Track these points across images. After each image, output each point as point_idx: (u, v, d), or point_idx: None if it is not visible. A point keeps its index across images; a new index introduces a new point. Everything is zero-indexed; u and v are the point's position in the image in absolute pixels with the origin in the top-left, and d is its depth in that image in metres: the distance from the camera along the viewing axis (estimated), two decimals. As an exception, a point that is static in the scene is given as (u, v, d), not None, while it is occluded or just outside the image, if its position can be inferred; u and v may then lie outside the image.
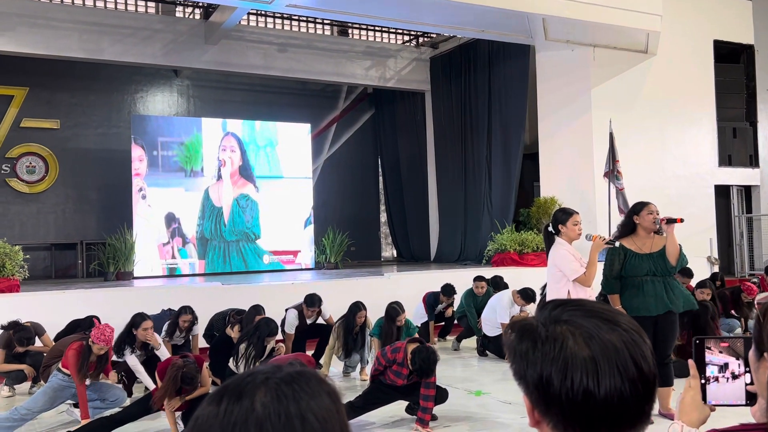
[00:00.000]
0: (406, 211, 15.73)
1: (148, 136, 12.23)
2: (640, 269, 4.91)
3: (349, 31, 14.67)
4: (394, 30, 14.54)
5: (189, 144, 12.48)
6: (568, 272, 4.75)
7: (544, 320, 1.02)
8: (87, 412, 5.14)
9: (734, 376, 1.35)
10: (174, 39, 12.13)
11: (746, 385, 1.35)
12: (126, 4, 12.40)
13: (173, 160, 12.33)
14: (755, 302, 7.75)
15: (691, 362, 1.37)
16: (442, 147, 14.20)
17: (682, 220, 4.97)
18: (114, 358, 5.79)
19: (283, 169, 13.27)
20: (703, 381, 1.36)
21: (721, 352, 1.36)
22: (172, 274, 12.08)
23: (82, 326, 6.47)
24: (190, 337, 6.97)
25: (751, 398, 1.36)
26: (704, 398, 1.36)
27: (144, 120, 12.66)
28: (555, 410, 0.98)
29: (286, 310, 7.32)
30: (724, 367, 1.36)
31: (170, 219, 12.23)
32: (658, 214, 5.00)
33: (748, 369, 1.35)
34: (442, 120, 14.25)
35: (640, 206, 5.09)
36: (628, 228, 5.07)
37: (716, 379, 1.36)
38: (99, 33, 11.48)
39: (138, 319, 5.94)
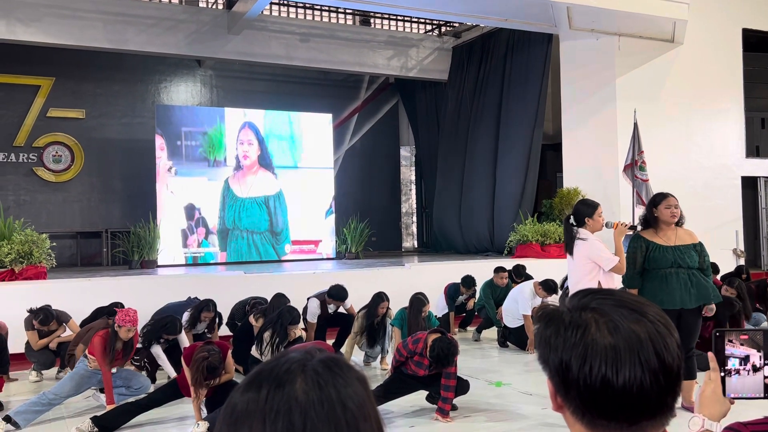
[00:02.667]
0: (428, 201, 15.71)
1: (173, 126, 12.36)
2: (664, 261, 4.84)
3: (372, 20, 14.63)
4: (416, 19, 14.48)
5: (212, 134, 12.59)
6: (605, 262, 4.71)
7: (572, 307, 1.04)
8: (112, 398, 5.23)
9: (755, 369, 1.34)
10: (197, 29, 12.20)
11: (765, 378, 1.34)
12: (150, -6, 12.49)
13: (198, 150, 12.46)
14: None
15: (711, 355, 1.36)
16: (458, 136, 14.11)
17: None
18: (139, 345, 5.89)
19: (304, 159, 13.33)
20: (722, 374, 1.35)
21: (742, 344, 1.35)
22: (195, 262, 12.21)
23: (107, 313, 6.57)
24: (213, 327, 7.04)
25: None
26: (723, 391, 1.36)
27: (168, 110, 12.78)
28: (574, 395, 0.99)
29: (308, 299, 7.37)
30: (745, 360, 1.35)
31: (191, 209, 12.36)
32: (676, 208, 4.92)
33: (766, 362, 1.34)
34: (454, 109, 14.17)
35: (660, 198, 5.02)
36: (650, 220, 5.01)
37: (737, 371, 1.35)
38: (123, 23, 11.58)
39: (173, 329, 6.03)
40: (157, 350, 5.93)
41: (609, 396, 0.96)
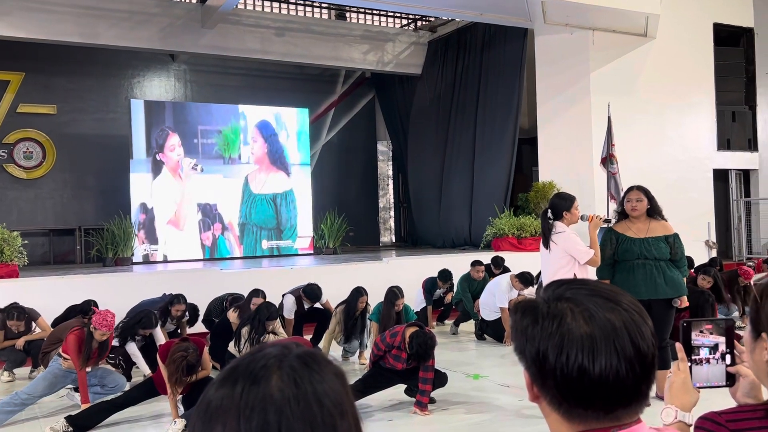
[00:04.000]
0: (405, 195, 15.74)
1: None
2: (630, 253, 4.96)
3: (347, 14, 14.58)
4: (392, 14, 14.45)
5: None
6: (580, 255, 4.77)
7: (547, 297, 1.04)
8: (87, 397, 5.16)
9: (723, 357, 1.37)
10: (170, 23, 12.05)
11: (726, 366, 1.36)
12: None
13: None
14: (751, 283, 7.76)
15: (678, 345, 1.38)
16: (432, 130, 14.15)
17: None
18: (114, 343, 5.81)
19: (281, 155, 13.29)
20: (689, 364, 1.37)
21: (711, 333, 1.37)
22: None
23: (80, 311, 6.48)
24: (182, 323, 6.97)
25: (730, 379, 1.37)
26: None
27: (151, 105, 12.60)
28: (550, 385, 0.99)
29: (283, 295, 7.34)
30: (714, 348, 1.37)
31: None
32: (638, 201, 5.01)
33: (728, 350, 1.36)
34: (429, 103, 14.20)
35: (625, 192, 5.19)
36: (622, 213, 5.12)
37: (707, 360, 1.37)
38: (95, 17, 11.39)
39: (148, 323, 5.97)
40: (133, 348, 5.86)
41: (586, 385, 0.97)
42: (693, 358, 1.38)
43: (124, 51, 12.58)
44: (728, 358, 1.36)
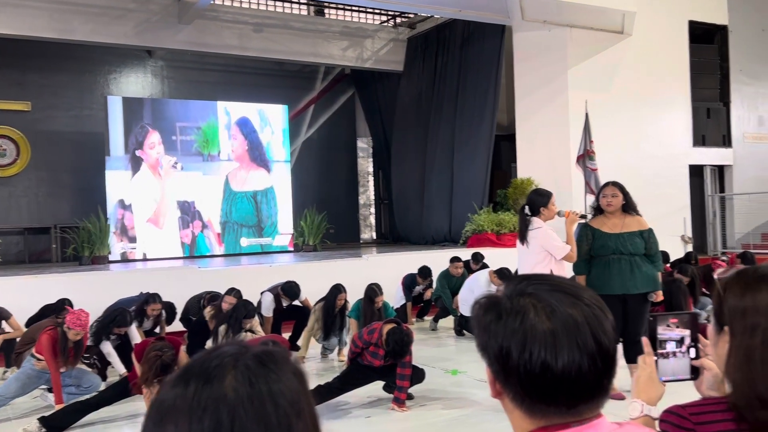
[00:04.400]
0: (385, 192, 15.74)
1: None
2: (606, 248, 5.00)
3: (326, 11, 14.52)
4: (371, 10, 14.42)
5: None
6: (557, 250, 4.80)
7: (509, 293, 1.04)
8: (61, 398, 5.10)
9: (689, 350, 1.38)
10: (147, 18, 11.92)
11: (691, 359, 1.38)
12: (97, -18, 12.14)
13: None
14: (716, 278, 7.85)
15: (645, 339, 1.39)
16: (410, 127, 14.16)
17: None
18: (88, 343, 5.75)
19: (262, 152, 13.23)
20: (656, 358, 1.38)
21: (677, 326, 1.38)
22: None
23: (54, 310, 6.39)
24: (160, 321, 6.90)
25: (695, 372, 1.38)
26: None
27: (130, 102, 12.44)
28: (514, 382, 0.99)
29: (262, 293, 7.31)
30: (681, 342, 1.38)
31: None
32: (613, 197, 5.05)
33: (692, 344, 1.38)
34: (411, 100, 14.20)
35: (601, 187, 5.24)
36: (598, 208, 5.16)
37: (674, 354, 1.38)
38: (69, 12, 11.23)
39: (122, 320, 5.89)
40: (107, 347, 5.80)
41: (549, 380, 0.97)
42: (659, 351, 1.39)
43: (99, 47, 12.41)
44: (692, 351, 1.38)
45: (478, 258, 9.14)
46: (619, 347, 5.10)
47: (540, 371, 0.97)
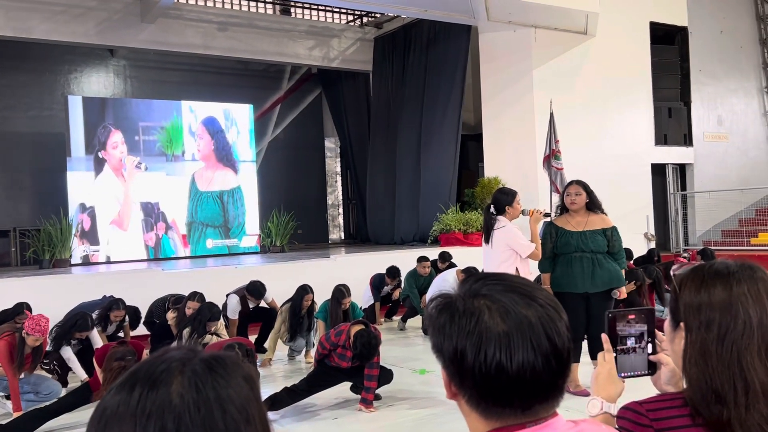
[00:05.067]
0: (354, 192, 15.71)
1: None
2: (568, 247, 5.06)
3: (292, 10, 14.43)
4: (337, 9, 14.38)
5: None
6: (522, 249, 4.84)
7: (464, 294, 1.03)
8: (20, 405, 4.97)
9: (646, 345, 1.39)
10: (108, 17, 11.69)
11: (648, 355, 1.39)
12: (56, -20, 11.88)
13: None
14: (671, 274, 7.97)
15: (604, 336, 1.40)
16: (382, 128, 14.16)
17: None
18: (48, 348, 5.61)
19: (229, 151, 13.08)
20: (615, 354, 1.39)
21: (637, 322, 1.39)
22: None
23: (11, 315, 6.23)
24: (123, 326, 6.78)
25: (652, 367, 1.39)
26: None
27: (90, 102, 12.20)
28: (469, 384, 0.98)
29: (227, 295, 7.22)
30: (640, 337, 1.39)
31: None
32: (577, 195, 5.11)
33: (650, 339, 1.39)
34: (382, 100, 14.21)
35: (565, 186, 5.32)
36: (564, 207, 5.21)
37: (633, 350, 1.39)
38: (27, 10, 10.96)
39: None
40: (68, 353, 5.66)
41: (504, 382, 0.96)
42: (620, 348, 1.40)
43: (59, 46, 12.14)
44: (649, 347, 1.39)
45: (445, 257, 9.18)
46: (585, 344, 5.16)
47: (495, 372, 0.96)
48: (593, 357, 4.63)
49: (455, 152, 12.36)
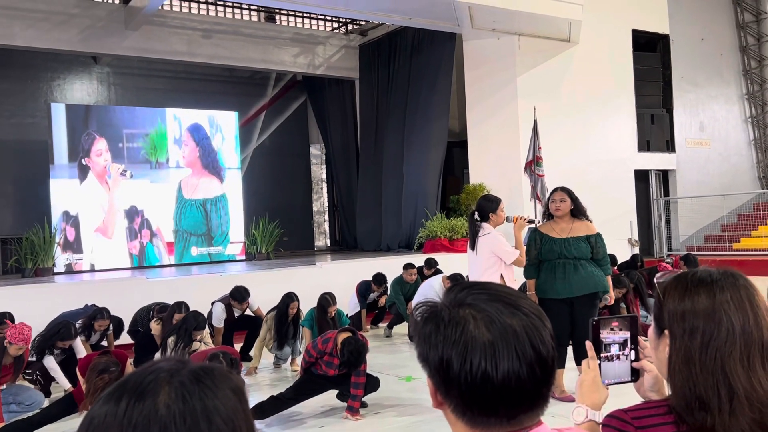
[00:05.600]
0: (339, 199, 15.70)
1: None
2: (552, 253, 5.08)
3: (277, 17, 14.43)
4: (322, 16, 14.40)
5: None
6: (506, 255, 4.86)
7: (449, 303, 1.04)
8: (1, 416, 4.90)
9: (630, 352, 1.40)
10: (92, 24, 11.63)
11: (631, 362, 1.40)
12: (39, -14, 11.81)
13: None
14: (654, 281, 8.01)
15: (588, 343, 1.40)
16: (369, 135, 14.19)
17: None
18: (30, 358, 5.54)
19: (214, 158, 13.04)
20: (598, 361, 1.40)
21: (622, 329, 1.40)
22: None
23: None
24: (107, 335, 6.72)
25: (634, 374, 1.40)
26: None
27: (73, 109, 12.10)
28: (454, 393, 0.99)
29: (213, 303, 7.18)
30: (623, 344, 1.40)
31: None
32: (562, 202, 5.13)
33: (632, 346, 1.40)
34: (369, 107, 14.24)
35: (551, 193, 5.31)
36: (549, 214, 5.24)
37: (617, 357, 1.40)
38: (9, 17, 10.88)
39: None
40: (51, 362, 5.59)
41: (489, 391, 0.97)
42: (604, 355, 1.41)
43: (42, 53, 12.05)
44: (632, 353, 1.40)
45: (431, 264, 9.19)
46: (570, 350, 5.18)
47: (480, 381, 0.97)
48: (578, 363, 4.66)
49: (441, 159, 12.40)
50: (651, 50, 13.52)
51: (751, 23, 15.19)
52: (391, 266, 9.13)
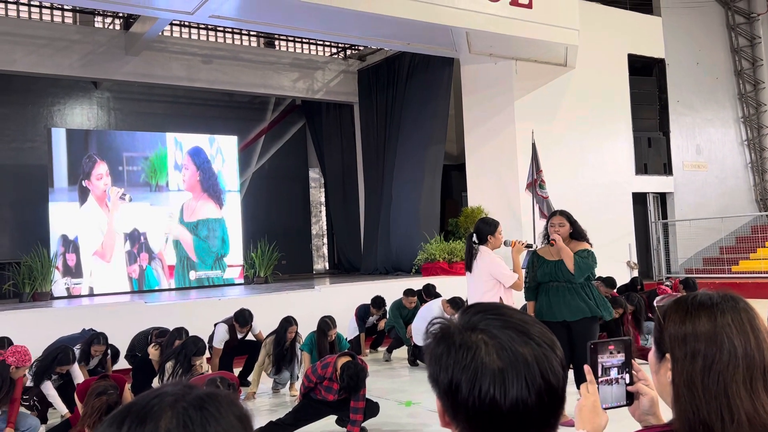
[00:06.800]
0: (338, 223, 15.71)
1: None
2: (544, 276, 5.09)
3: (276, 42, 14.57)
4: (321, 42, 14.54)
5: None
6: (505, 278, 4.86)
7: (462, 326, 1.04)
8: (-2, 443, 4.85)
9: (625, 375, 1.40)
10: (93, 50, 11.73)
11: (627, 385, 1.40)
12: (41, 14, 11.93)
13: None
14: (654, 305, 7.96)
15: (587, 367, 1.40)
16: (369, 158, 14.26)
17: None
18: (28, 383, 5.50)
19: (214, 182, 13.06)
20: (598, 385, 1.39)
21: (619, 352, 1.40)
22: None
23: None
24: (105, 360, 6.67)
25: (629, 398, 1.40)
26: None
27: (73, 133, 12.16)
28: (462, 416, 0.99)
29: (215, 324, 7.15)
30: (622, 368, 1.40)
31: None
32: (561, 226, 5.10)
33: (627, 369, 1.40)
34: (368, 132, 14.32)
35: (549, 217, 5.32)
36: (547, 236, 5.23)
37: (616, 380, 1.40)
38: (11, 43, 10.98)
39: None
40: (49, 389, 5.54)
41: (497, 417, 0.97)
42: (604, 379, 1.40)
43: (42, 78, 12.14)
44: (627, 377, 1.39)
45: (430, 290, 9.09)
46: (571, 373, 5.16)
47: (488, 407, 0.97)
48: (578, 386, 4.62)
49: (439, 182, 12.44)
50: (647, 74, 13.65)
51: (745, 47, 15.37)
52: (390, 289, 9.11)
